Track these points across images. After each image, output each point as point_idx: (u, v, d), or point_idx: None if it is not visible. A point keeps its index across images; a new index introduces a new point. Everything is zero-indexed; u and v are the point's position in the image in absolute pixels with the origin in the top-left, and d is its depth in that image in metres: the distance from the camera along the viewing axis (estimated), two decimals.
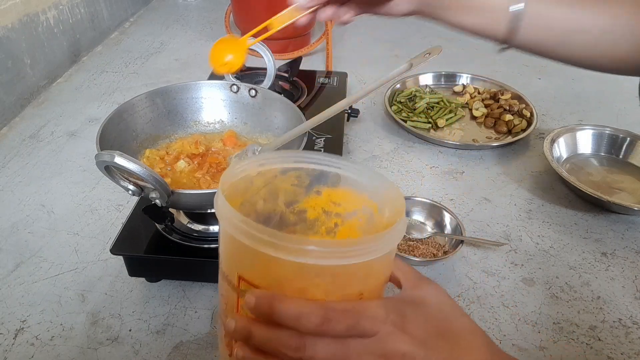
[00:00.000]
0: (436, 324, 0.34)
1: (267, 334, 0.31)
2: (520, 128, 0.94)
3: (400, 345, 0.31)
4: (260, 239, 0.29)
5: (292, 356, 0.31)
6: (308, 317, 0.30)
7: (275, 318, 0.30)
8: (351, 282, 0.32)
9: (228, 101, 0.73)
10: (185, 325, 0.60)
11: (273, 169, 0.39)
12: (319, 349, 0.31)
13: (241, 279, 0.32)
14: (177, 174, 0.65)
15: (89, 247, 0.70)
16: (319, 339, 0.31)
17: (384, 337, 0.31)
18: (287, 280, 0.31)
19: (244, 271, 0.32)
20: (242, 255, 0.32)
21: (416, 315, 0.34)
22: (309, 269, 0.30)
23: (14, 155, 0.89)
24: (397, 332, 0.32)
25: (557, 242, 0.73)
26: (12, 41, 0.99)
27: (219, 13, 1.44)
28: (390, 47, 1.35)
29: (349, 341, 0.31)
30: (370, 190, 0.38)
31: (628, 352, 0.58)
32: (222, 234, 0.34)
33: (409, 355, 0.31)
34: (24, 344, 0.57)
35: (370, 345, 0.31)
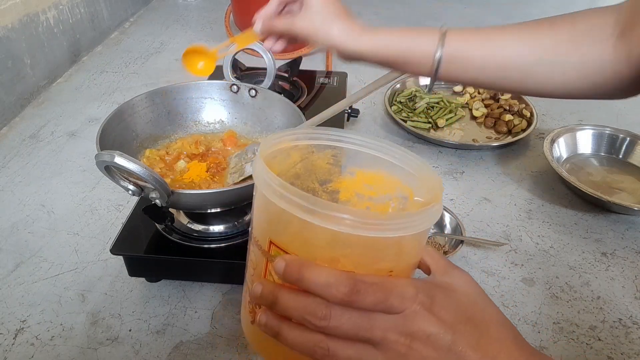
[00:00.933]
0: (465, 310, 0.33)
1: (293, 301, 0.31)
2: (520, 128, 0.94)
3: (426, 325, 0.31)
4: (296, 203, 0.29)
5: (316, 324, 0.31)
6: (337, 286, 0.30)
7: (304, 284, 0.30)
8: (382, 258, 0.32)
9: (228, 101, 0.73)
10: (185, 325, 0.60)
11: (310, 144, 0.39)
12: (344, 320, 0.30)
13: (272, 244, 0.32)
14: (177, 174, 0.65)
15: (89, 247, 0.70)
16: (345, 310, 0.30)
17: (411, 315, 0.31)
18: (318, 249, 0.31)
19: (276, 236, 0.32)
20: (276, 219, 0.32)
21: (445, 299, 0.33)
22: (342, 239, 0.30)
23: (14, 155, 0.89)
24: (424, 313, 0.31)
25: (557, 242, 0.73)
26: (12, 41, 0.99)
27: (219, 13, 1.44)
28: None
29: (374, 316, 0.31)
30: (407, 175, 0.37)
31: (628, 352, 0.58)
32: (258, 198, 0.34)
33: (435, 337, 0.31)
34: (24, 344, 0.57)
35: (396, 323, 0.31)
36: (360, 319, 0.31)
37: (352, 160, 0.39)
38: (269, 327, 0.33)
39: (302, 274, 0.30)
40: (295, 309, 0.31)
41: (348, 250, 0.31)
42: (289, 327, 0.32)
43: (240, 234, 0.63)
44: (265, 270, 0.33)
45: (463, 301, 0.34)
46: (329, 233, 0.29)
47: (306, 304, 0.31)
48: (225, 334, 0.59)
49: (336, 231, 0.29)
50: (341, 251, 0.31)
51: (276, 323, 0.32)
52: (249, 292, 0.36)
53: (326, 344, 0.31)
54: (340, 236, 0.30)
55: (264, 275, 0.33)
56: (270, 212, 0.32)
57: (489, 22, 1.52)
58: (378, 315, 0.31)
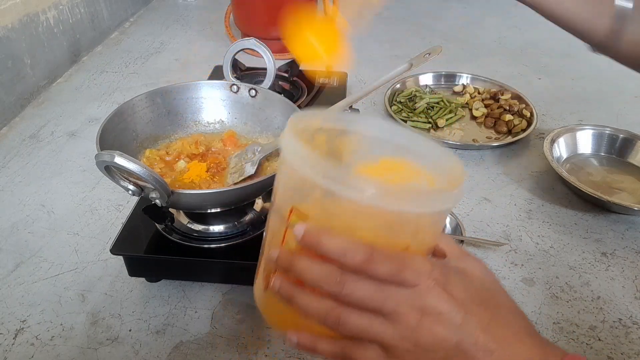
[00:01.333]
0: (477, 293, 0.33)
1: (309, 266, 0.32)
2: (520, 128, 0.94)
3: (439, 302, 0.31)
4: (320, 172, 0.30)
5: (330, 290, 0.31)
6: (353, 253, 0.30)
7: (321, 249, 0.31)
8: (400, 233, 0.32)
9: (228, 101, 0.73)
10: (185, 325, 0.60)
11: (334, 128, 0.39)
12: (358, 288, 0.31)
13: (293, 212, 0.33)
14: (177, 174, 0.65)
15: (89, 247, 0.70)
16: (359, 279, 0.31)
17: (424, 291, 0.31)
18: (338, 218, 0.32)
19: (298, 204, 0.33)
20: (299, 187, 0.33)
21: (459, 280, 0.33)
22: (362, 210, 0.31)
23: (14, 155, 0.89)
24: (438, 289, 0.31)
25: (557, 242, 0.73)
26: (12, 41, 0.99)
27: (219, 13, 1.44)
28: (390, 47, 1.35)
29: (388, 287, 0.31)
30: (430, 163, 0.38)
31: (628, 352, 0.58)
32: (283, 166, 0.35)
33: (447, 314, 0.31)
34: (24, 344, 0.57)
35: (409, 297, 0.31)
36: (374, 289, 0.31)
37: (375, 147, 0.40)
38: (283, 291, 0.34)
39: (320, 239, 0.31)
40: (310, 273, 0.32)
41: (367, 223, 0.32)
42: (302, 292, 0.33)
43: (240, 234, 0.63)
44: (283, 237, 0.34)
45: (476, 284, 0.34)
46: (350, 203, 0.30)
47: (321, 269, 0.31)
48: (225, 334, 0.59)
49: (357, 202, 0.30)
50: (360, 223, 0.32)
51: (290, 288, 0.33)
52: (265, 259, 0.37)
53: (338, 310, 0.32)
54: (360, 207, 0.30)
55: (282, 242, 0.34)
56: (294, 179, 0.33)
57: (489, 22, 1.52)
58: (392, 288, 0.31)
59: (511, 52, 1.32)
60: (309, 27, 0.58)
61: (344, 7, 0.50)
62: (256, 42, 0.75)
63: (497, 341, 0.32)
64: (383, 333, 0.32)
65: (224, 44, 1.31)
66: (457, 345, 0.31)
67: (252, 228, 0.64)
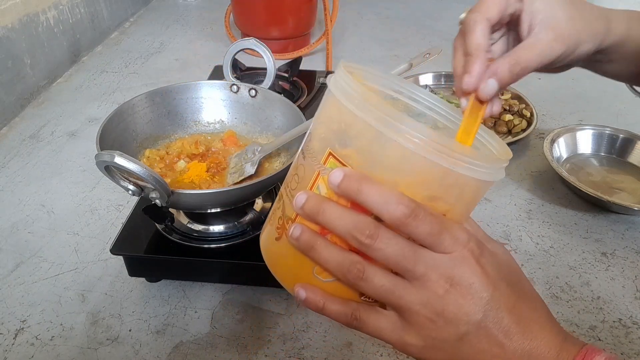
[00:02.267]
0: (507, 274, 0.32)
1: (341, 213, 0.29)
2: (520, 128, 0.94)
3: (471, 273, 0.30)
4: (373, 113, 0.28)
5: (362, 241, 0.29)
6: (396, 204, 0.28)
7: (360, 197, 0.29)
8: (442, 195, 0.30)
9: (228, 101, 0.73)
10: (185, 325, 0.60)
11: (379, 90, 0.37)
12: (392, 243, 0.29)
13: (331, 156, 0.30)
14: (177, 174, 0.65)
15: (89, 247, 0.70)
16: (393, 234, 0.29)
17: (459, 259, 0.30)
18: (382, 167, 0.29)
19: (340, 148, 0.30)
20: (344, 129, 0.30)
21: (491, 257, 0.32)
22: (412, 161, 0.28)
23: (14, 155, 0.89)
24: (472, 261, 0.30)
25: (557, 242, 0.73)
26: (12, 41, 0.99)
27: (219, 13, 1.44)
28: (390, 47, 1.35)
29: (422, 249, 0.30)
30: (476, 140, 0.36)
31: (628, 352, 0.58)
32: (329, 105, 0.32)
33: (476, 287, 0.30)
34: (24, 344, 0.57)
35: (442, 262, 0.30)
36: (407, 248, 0.29)
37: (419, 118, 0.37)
38: (303, 240, 0.31)
39: (361, 186, 0.28)
40: (341, 221, 0.29)
41: (412, 177, 0.29)
42: (325, 242, 0.31)
43: (240, 234, 0.63)
44: (313, 184, 0.31)
45: (505, 265, 0.33)
46: (399, 152, 0.28)
47: (354, 218, 0.29)
48: (225, 334, 0.59)
49: (406, 150, 0.27)
50: (405, 176, 0.29)
51: (312, 235, 0.31)
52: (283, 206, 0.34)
53: (363, 265, 0.30)
54: (408, 157, 0.28)
55: (310, 188, 0.32)
56: (340, 121, 0.30)
57: None
58: (425, 250, 0.30)
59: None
60: None
61: None
62: (256, 42, 0.75)
63: (520, 324, 0.31)
64: (406, 296, 0.30)
65: (224, 44, 1.31)
66: (480, 321, 0.30)
67: (252, 228, 0.64)
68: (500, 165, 0.31)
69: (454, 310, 0.30)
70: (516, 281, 0.33)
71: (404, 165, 0.29)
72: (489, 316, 0.30)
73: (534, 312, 0.32)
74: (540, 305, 0.33)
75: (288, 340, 0.58)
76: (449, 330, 0.30)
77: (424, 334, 0.31)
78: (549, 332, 0.32)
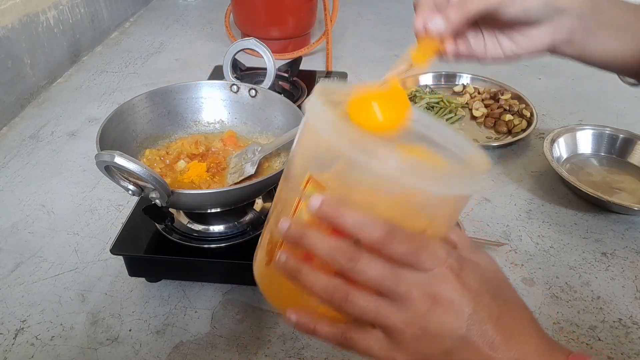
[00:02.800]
0: (489, 286, 0.33)
1: (322, 238, 0.30)
2: (520, 128, 0.94)
3: (451, 289, 0.30)
4: (349, 140, 0.28)
5: (342, 266, 0.30)
6: (373, 227, 0.29)
7: (339, 222, 0.30)
8: (419, 214, 0.31)
9: (228, 101, 0.73)
10: (185, 325, 0.60)
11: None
12: (372, 266, 0.30)
13: (310, 181, 0.31)
14: (177, 174, 0.65)
15: (89, 247, 0.70)
16: (374, 256, 0.30)
17: (439, 276, 0.30)
18: (358, 191, 0.30)
19: (317, 172, 0.31)
20: (320, 155, 0.31)
21: (472, 270, 0.32)
22: (387, 185, 0.29)
23: (14, 155, 0.89)
24: (452, 276, 0.31)
25: (557, 242, 0.73)
26: (12, 41, 0.99)
27: (219, 13, 1.44)
28: (390, 47, 1.35)
29: (402, 269, 0.30)
30: (449, 152, 0.36)
31: (628, 352, 0.58)
32: (305, 132, 0.33)
33: (457, 303, 0.30)
34: (24, 344, 0.57)
35: (422, 280, 0.30)
36: (388, 269, 0.30)
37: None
38: (289, 266, 0.32)
39: (339, 210, 0.29)
40: (322, 247, 0.30)
41: (387, 199, 0.30)
42: (310, 267, 0.31)
43: (240, 234, 0.63)
44: (295, 208, 0.32)
45: (488, 277, 0.33)
46: (373, 176, 0.29)
47: (336, 242, 0.30)
48: (225, 334, 0.59)
49: (380, 176, 0.28)
50: (380, 198, 0.30)
51: (296, 262, 0.32)
52: (271, 231, 0.35)
53: (346, 288, 0.31)
54: (383, 182, 0.29)
55: (293, 214, 0.33)
56: (317, 147, 0.31)
57: None
58: (405, 270, 0.30)
59: None
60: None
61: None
62: (256, 42, 0.75)
63: (505, 335, 0.31)
64: (391, 316, 0.31)
65: (224, 44, 1.31)
66: (464, 336, 0.30)
67: (252, 228, 0.64)
68: (476, 178, 0.31)
69: (438, 326, 0.30)
70: (499, 292, 0.33)
71: (379, 188, 0.30)
72: (472, 330, 0.30)
73: (519, 322, 0.33)
74: (526, 314, 0.34)
75: (288, 340, 0.58)
76: (435, 346, 0.31)
77: (412, 351, 0.31)
78: (535, 341, 0.32)
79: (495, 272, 0.35)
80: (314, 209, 0.30)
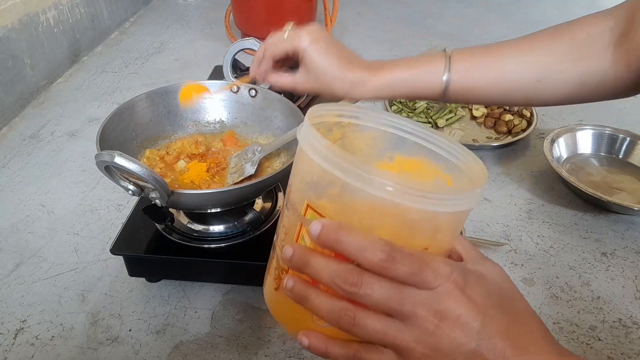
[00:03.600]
0: (496, 297, 0.32)
1: (325, 264, 0.31)
2: (520, 128, 0.94)
3: (457, 306, 0.30)
4: (340, 165, 0.29)
5: (347, 290, 0.30)
6: (373, 250, 0.29)
7: (339, 247, 0.30)
8: (418, 233, 0.31)
9: (228, 101, 0.73)
10: (185, 325, 0.60)
11: (351, 123, 0.38)
12: (375, 288, 0.30)
13: (309, 207, 0.32)
14: (177, 174, 0.65)
15: (89, 247, 0.70)
16: (377, 279, 0.30)
17: (443, 293, 0.30)
18: (356, 215, 0.31)
19: (315, 199, 0.31)
20: (316, 181, 0.31)
21: (478, 283, 0.32)
22: (381, 206, 0.29)
23: (14, 155, 0.89)
24: (457, 292, 0.30)
25: (557, 242, 0.73)
26: (12, 41, 0.99)
27: (219, 13, 1.44)
28: (390, 47, 1.35)
29: (406, 289, 0.30)
30: (449, 164, 0.37)
31: (628, 352, 0.58)
32: (300, 159, 0.34)
33: (465, 318, 0.30)
34: (24, 344, 0.57)
35: (427, 299, 0.30)
36: (392, 290, 0.30)
37: (392, 144, 0.39)
38: (296, 291, 0.32)
39: (339, 236, 0.30)
40: (326, 272, 0.31)
41: (386, 220, 0.30)
42: (316, 292, 0.32)
43: (240, 234, 0.63)
44: (298, 235, 0.33)
45: (495, 290, 0.33)
46: (369, 199, 0.29)
47: (338, 268, 0.30)
48: (225, 334, 0.59)
49: (377, 198, 0.28)
50: (379, 220, 0.31)
51: (303, 287, 0.32)
52: (277, 257, 0.35)
53: (353, 312, 0.31)
54: (380, 203, 0.29)
55: (296, 240, 0.33)
56: (312, 173, 0.32)
57: (489, 22, 1.52)
58: (410, 289, 0.30)
59: None
60: None
61: None
62: (256, 42, 0.75)
63: (515, 348, 0.31)
64: (399, 336, 0.31)
65: (224, 44, 1.31)
66: (474, 350, 0.30)
67: (252, 228, 0.64)
68: (473, 192, 0.31)
69: (447, 343, 0.30)
70: (508, 303, 0.33)
71: (376, 211, 0.30)
72: (482, 344, 0.30)
73: (529, 332, 0.33)
74: (536, 323, 0.34)
75: (288, 340, 0.58)
76: None
77: None
78: (546, 351, 0.32)
79: (503, 282, 0.34)
80: (314, 235, 0.30)
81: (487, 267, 0.35)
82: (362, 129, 0.39)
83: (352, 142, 0.39)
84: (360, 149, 0.40)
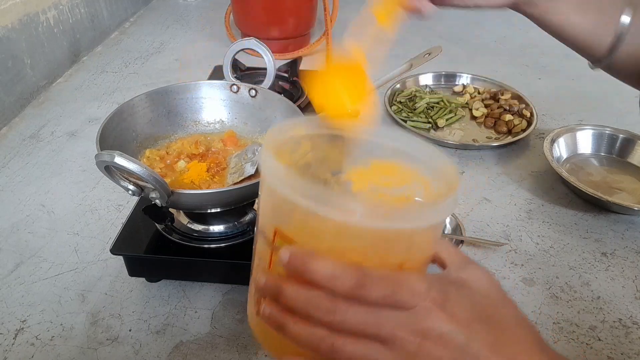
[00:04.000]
0: (481, 309, 0.31)
1: (298, 293, 0.30)
2: (520, 128, 0.94)
3: (438, 323, 0.29)
4: (300, 193, 0.28)
5: (322, 318, 0.29)
6: (342, 278, 0.28)
7: (308, 276, 0.29)
8: (391, 251, 0.30)
9: (228, 101, 0.73)
10: (185, 325, 0.60)
11: (322, 133, 0.37)
12: (350, 315, 0.29)
13: (277, 234, 0.31)
14: (177, 174, 0.65)
15: (89, 247, 0.70)
16: (351, 305, 0.29)
17: (422, 313, 0.29)
18: (324, 239, 0.30)
19: (282, 225, 0.31)
20: (280, 208, 0.31)
21: (459, 296, 0.31)
22: (349, 230, 0.29)
23: (14, 155, 0.89)
24: (436, 310, 0.29)
25: (557, 242, 0.73)
26: (12, 41, 0.99)
27: (219, 13, 1.44)
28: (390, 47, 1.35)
29: (383, 312, 0.29)
30: (424, 166, 0.36)
31: (628, 352, 0.58)
32: (264, 187, 0.33)
33: (448, 336, 0.29)
34: (24, 344, 0.57)
35: (406, 320, 0.29)
36: (367, 315, 0.29)
37: (366, 150, 0.38)
38: (273, 319, 0.31)
39: (307, 264, 0.29)
40: (299, 301, 0.30)
41: (355, 242, 0.30)
42: (293, 320, 0.31)
43: (240, 234, 0.63)
44: (270, 261, 0.32)
45: (479, 299, 0.32)
46: (335, 223, 0.28)
47: (311, 297, 0.29)
48: (225, 334, 0.59)
49: (341, 222, 0.28)
50: (348, 243, 0.30)
51: (280, 315, 0.31)
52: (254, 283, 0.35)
53: (331, 339, 0.30)
54: (347, 227, 0.28)
55: (269, 266, 0.32)
56: (275, 200, 0.31)
57: (489, 22, 1.52)
58: (386, 311, 0.29)
59: (511, 52, 1.32)
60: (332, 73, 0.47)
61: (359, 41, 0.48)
62: (256, 42, 0.75)
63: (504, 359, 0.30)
64: (381, 359, 0.30)
65: (224, 44, 1.31)
66: None
67: (252, 228, 0.64)
68: (445, 203, 0.30)
69: None
70: (494, 312, 0.32)
71: (343, 235, 0.29)
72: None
73: (518, 342, 0.32)
74: (527, 331, 0.33)
75: None
76: None
77: None
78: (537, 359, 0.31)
79: (489, 289, 0.33)
80: (284, 263, 0.30)
81: (471, 273, 0.33)
82: (333, 138, 0.38)
83: (325, 152, 0.38)
84: (334, 157, 0.39)
